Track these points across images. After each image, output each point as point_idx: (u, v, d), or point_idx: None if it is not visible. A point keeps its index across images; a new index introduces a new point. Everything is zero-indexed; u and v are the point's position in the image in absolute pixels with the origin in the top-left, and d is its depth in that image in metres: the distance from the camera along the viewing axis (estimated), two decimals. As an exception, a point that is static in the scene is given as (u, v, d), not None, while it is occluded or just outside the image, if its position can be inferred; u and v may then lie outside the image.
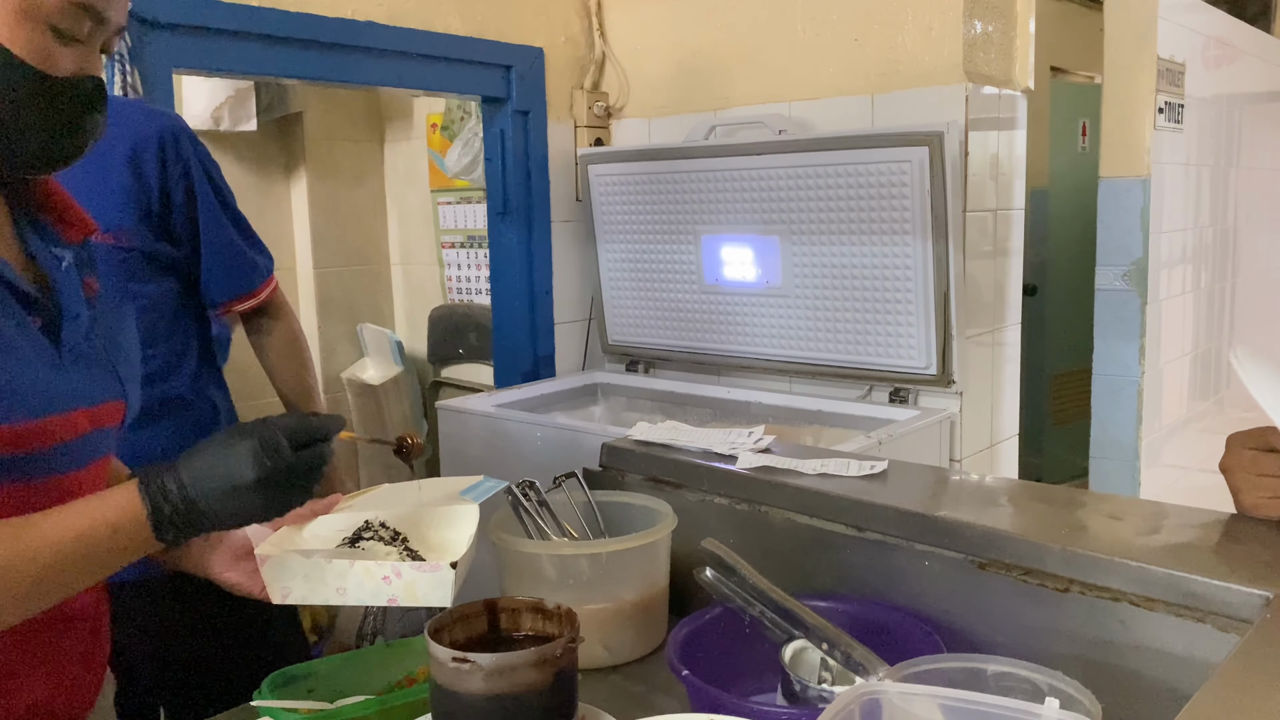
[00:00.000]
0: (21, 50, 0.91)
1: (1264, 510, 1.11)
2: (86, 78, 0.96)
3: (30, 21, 0.91)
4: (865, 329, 2.57)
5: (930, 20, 2.47)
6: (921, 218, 2.37)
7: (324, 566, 1.03)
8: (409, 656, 1.22)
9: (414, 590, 1.02)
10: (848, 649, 1.01)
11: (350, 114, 4.21)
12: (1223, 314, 3.92)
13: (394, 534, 1.12)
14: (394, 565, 1.02)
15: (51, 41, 0.92)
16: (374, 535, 1.11)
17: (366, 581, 1.02)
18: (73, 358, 1.00)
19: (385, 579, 1.02)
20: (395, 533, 1.12)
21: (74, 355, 1.01)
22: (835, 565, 1.29)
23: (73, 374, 0.99)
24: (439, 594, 1.02)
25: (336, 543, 1.11)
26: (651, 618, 1.31)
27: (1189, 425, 3.58)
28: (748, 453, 1.46)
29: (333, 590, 1.03)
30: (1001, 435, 2.78)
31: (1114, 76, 3.08)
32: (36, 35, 0.91)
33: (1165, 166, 3.16)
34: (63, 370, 0.98)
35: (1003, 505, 1.28)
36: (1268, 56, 4.12)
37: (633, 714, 0.98)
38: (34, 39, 0.91)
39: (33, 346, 0.96)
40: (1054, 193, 4.93)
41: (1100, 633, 1.05)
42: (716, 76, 2.87)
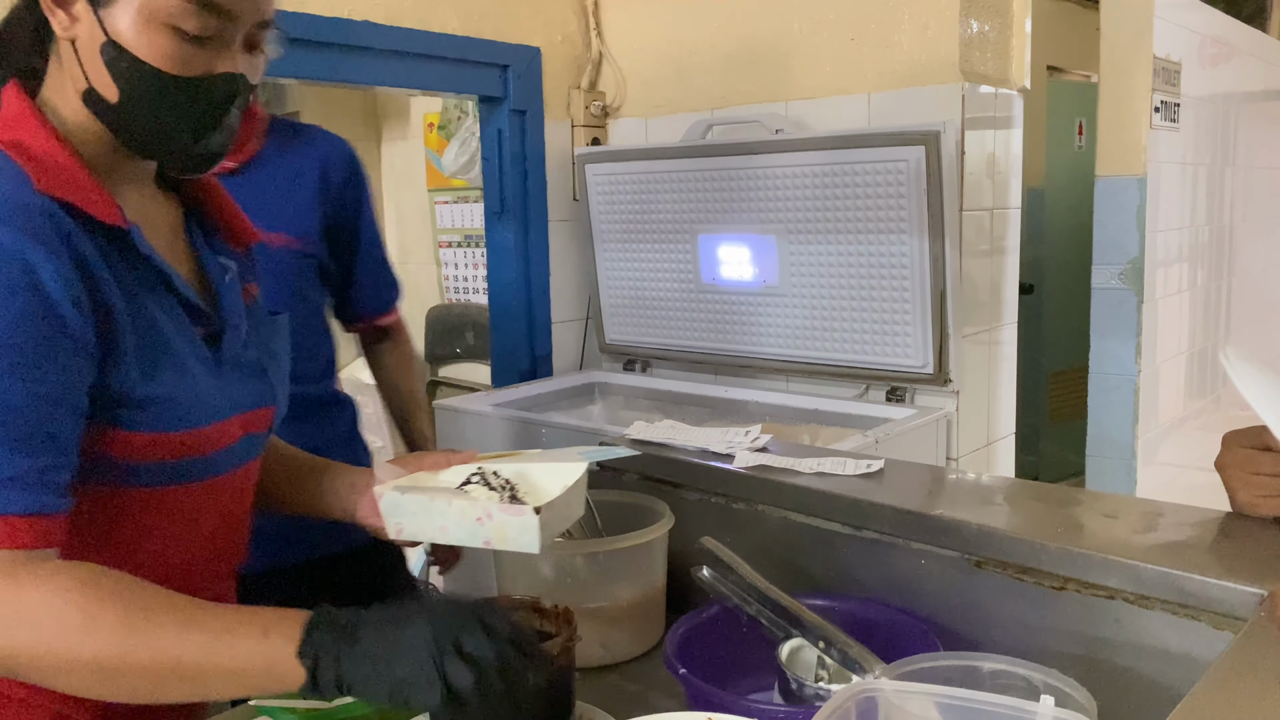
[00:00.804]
0: (147, 54, 0.92)
1: (1259, 508, 1.11)
2: (220, 76, 0.96)
3: (154, 25, 0.91)
4: (862, 328, 2.57)
5: (927, 20, 2.48)
6: (918, 217, 2.37)
7: (428, 505, 1.06)
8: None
9: (505, 533, 1.03)
10: (844, 647, 1.01)
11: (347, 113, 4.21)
12: (1219, 313, 3.92)
13: (504, 482, 1.14)
14: (485, 507, 1.04)
15: (178, 42, 0.92)
16: (481, 481, 1.13)
17: (463, 521, 1.04)
18: (230, 366, 1.03)
19: (479, 520, 1.04)
20: (506, 481, 1.14)
21: (232, 363, 1.04)
22: (832, 564, 1.29)
23: (230, 382, 1.02)
24: (526, 538, 1.02)
25: (456, 485, 1.14)
26: (649, 616, 1.31)
27: (1185, 424, 3.59)
28: (745, 452, 1.46)
29: (436, 528, 1.06)
30: (998, 434, 2.78)
31: (1110, 75, 3.08)
32: (161, 38, 0.92)
33: (1161, 165, 3.17)
34: (221, 379, 1.01)
35: (999, 504, 1.28)
36: (1264, 55, 4.13)
37: (630, 712, 0.98)
38: (158, 42, 0.92)
39: (197, 357, 0.99)
40: (1050, 192, 4.93)
41: (1096, 631, 1.05)
42: (713, 76, 2.87)
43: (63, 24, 0.94)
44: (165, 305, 0.98)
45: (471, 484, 1.14)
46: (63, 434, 0.85)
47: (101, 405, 0.91)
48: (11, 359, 0.83)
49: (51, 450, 0.84)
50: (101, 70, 0.93)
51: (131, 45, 0.92)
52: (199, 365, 0.99)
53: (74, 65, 0.95)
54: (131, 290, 0.94)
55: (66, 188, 0.91)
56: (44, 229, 0.86)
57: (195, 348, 0.99)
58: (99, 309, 0.90)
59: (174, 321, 0.98)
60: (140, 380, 0.92)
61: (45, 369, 0.84)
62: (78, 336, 0.86)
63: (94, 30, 0.92)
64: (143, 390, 0.92)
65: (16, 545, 0.82)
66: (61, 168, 0.92)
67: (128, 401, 0.92)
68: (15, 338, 0.83)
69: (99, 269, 0.90)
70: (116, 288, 0.92)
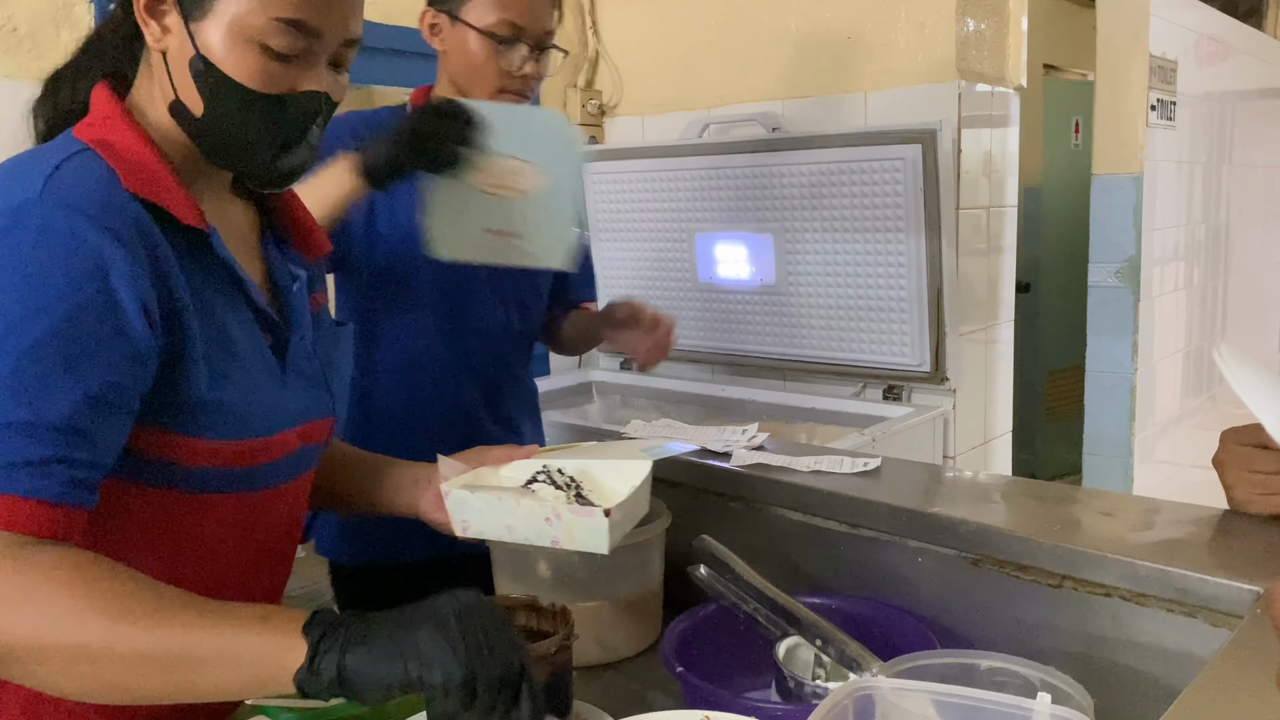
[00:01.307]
0: (234, 70, 0.93)
1: (1256, 506, 1.12)
2: (303, 94, 0.96)
3: (242, 42, 0.92)
4: (859, 326, 2.57)
5: (923, 18, 2.48)
6: (914, 215, 2.38)
7: (495, 504, 1.06)
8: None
9: (573, 534, 1.03)
10: (841, 645, 1.01)
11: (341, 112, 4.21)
12: (1215, 311, 3.93)
13: (569, 480, 1.15)
14: (554, 507, 1.04)
15: (265, 60, 0.93)
16: (547, 479, 1.14)
17: (531, 521, 1.04)
18: (294, 376, 1.03)
19: (547, 520, 1.04)
20: (571, 479, 1.15)
21: (295, 374, 1.03)
22: (829, 562, 1.29)
23: (293, 392, 1.02)
24: (595, 540, 1.02)
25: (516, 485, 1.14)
26: (646, 615, 1.31)
27: (1182, 422, 3.59)
28: (742, 450, 1.46)
29: (504, 527, 1.06)
30: (995, 432, 2.79)
31: (1106, 74, 3.09)
32: (249, 55, 0.93)
33: (1158, 164, 3.17)
34: (285, 389, 1.01)
35: (996, 502, 1.28)
36: (1259, 53, 4.14)
37: (628, 711, 0.98)
38: (246, 59, 0.93)
39: (264, 366, 0.99)
40: (1047, 190, 4.94)
41: (1093, 628, 1.06)
42: (710, 74, 2.87)
43: (155, 35, 0.95)
44: (237, 311, 0.98)
45: (538, 481, 1.14)
46: (97, 432, 0.84)
47: (166, 410, 0.90)
48: (62, 349, 0.82)
49: (79, 445, 0.82)
50: (189, 83, 0.94)
51: (219, 61, 0.93)
52: (265, 374, 0.99)
53: (163, 76, 0.96)
54: (205, 295, 0.94)
55: (150, 188, 0.91)
56: (125, 228, 0.87)
57: (263, 356, 0.99)
58: (170, 314, 0.90)
59: (244, 328, 0.98)
60: (207, 386, 0.92)
61: (93, 365, 0.83)
62: (137, 339, 0.86)
63: (184, 44, 0.93)
64: (208, 396, 0.92)
65: (15, 528, 0.80)
66: (146, 168, 0.93)
67: (193, 407, 0.91)
68: (71, 329, 0.82)
69: (175, 272, 0.91)
70: (190, 292, 0.92)
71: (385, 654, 0.78)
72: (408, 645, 0.78)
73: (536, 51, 1.62)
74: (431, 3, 1.66)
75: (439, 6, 1.64)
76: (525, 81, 1.62)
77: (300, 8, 0.93)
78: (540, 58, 1.63)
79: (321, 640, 0.79)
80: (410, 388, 1.65)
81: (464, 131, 1.44)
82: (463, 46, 1.61)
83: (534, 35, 1.60)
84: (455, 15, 1.60)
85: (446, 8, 1.62)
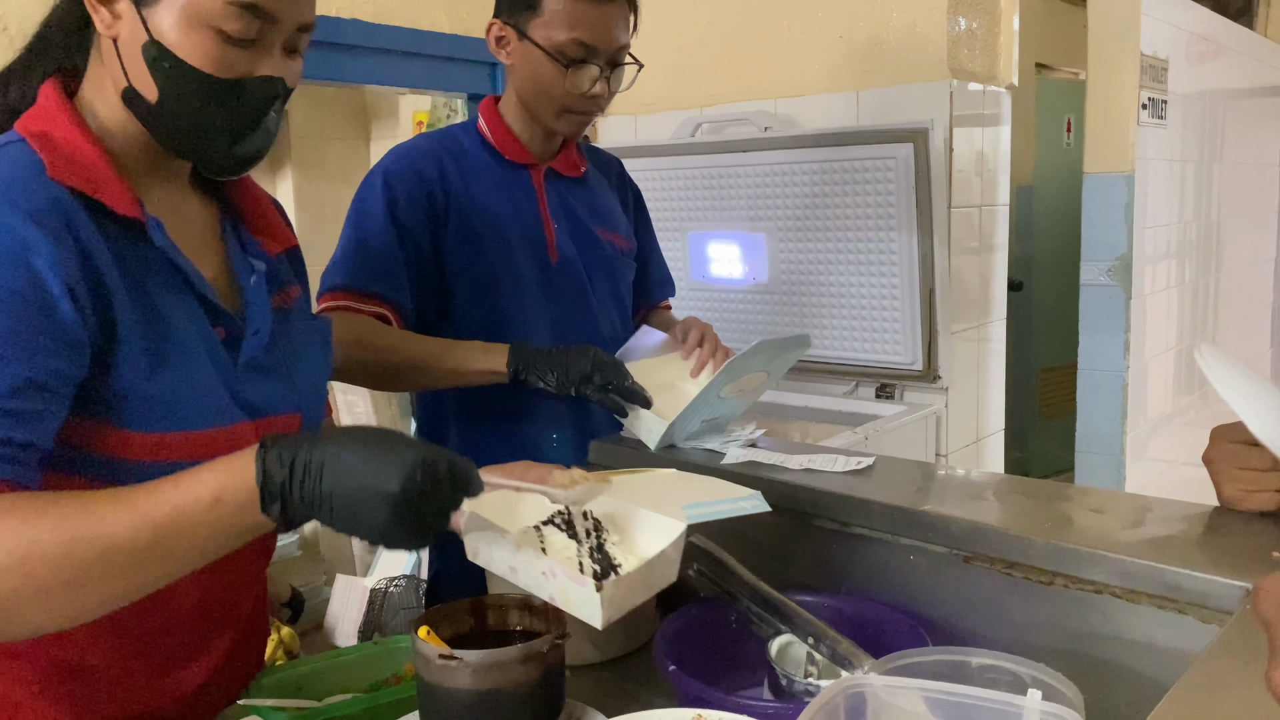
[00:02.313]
0: (188, 54, 0.92)
1: (1245, 503, 1.12)
2: (259, 79, 0.96)
3: (197, 26, 0.92)
4: (851, 325, 2.58)
5: (915, 17, 2.48)
6: (907, 214, 2.38)
7: (499, 541, 1.02)
8: (397, 654, 1.22)
9: (568, 597, 0.97)
10: (834, 643, 1.02)
11: (336, 112, 4.20)
12: (1207, 309, 3.94)
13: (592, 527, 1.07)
14: (551, 564, 0.98)
15: (220, 44, 0.93)
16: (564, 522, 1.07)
17: (530, 569, 1.00)
18: (249, 370, 1.01)
19: (544, 574, 0.99)
20: (595, 525, 1.08)
21: (250, 368, 1.02)
22: (821, 560, 1.29)
23: (247, 386, 1.01)
24: (587, 610, 0.96)
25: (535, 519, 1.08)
26: (639, 614, 1.30)
27: (1174, 419, 3.60)
28: (735, 449, 1.46)
29: (507, 567, 1.02)
30: (987, 430, 2.79)
31: (1098, 73, 3.09)
32: (204, 40, 0.92)
33: (1149, 162, 3.18)
34: (236, 383, 1.00)
35: (987, 499, 1.28)
36: (1250, 52, 4.15)
37: (621, 710, 0.98)
38: (201, 43, 0.92)
39: (211, 358, 0.97)
40: (1039, 188, 4.95)
41: (1083, 625, 1.06)
42: (702, 73, 2.87)
43: (105, 21, 0.94)
44: (181, 302, 0.97)
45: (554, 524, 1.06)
46: (33, 415, 0.83)
47: (102, 401, 0.90)
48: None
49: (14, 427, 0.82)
50: (142, 69, 0.93)
51: (173, 45, 0.92)
52: (212, 366, 0.97)
53: (115, 63, 0.95)
54: (142, 285, 0.93)
55: (81, 177, 0.91)
56: (48, 214, 0.87)
57: (210, 348, 0.98)
58: (100, 300, 0.89)
59: (189, 320, 0.97)
60: (145, 376, 0.91)
61: (22, 346, 0.83)
62: (66, 323, 0.86)
63: (136, 29, 0.93)
64: (149, 387, 0.91)
65: None
66: (81, 158, 0.92)
67: (133, 398, 0.91)
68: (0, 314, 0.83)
69: (104, 261, 0.90)
70: (125, 281, 0.91)
71: (368, 449, 0.81)
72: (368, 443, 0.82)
73: (609, 69, 1.55)
74: (498, 13, 1.59)
75: (506, 19, 1.57)
76: (594, 101, 1.57)
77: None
78: (612, 75, 1.57)
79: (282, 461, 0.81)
80: (522, 401, 1.62)
81: (617, 402, 1.49)
82: (530, 64, 1.55)
83: (606, 53, 1.54)
84: (523, 32, 1.54)
85: (514, 21, 1.55)
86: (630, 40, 1.59)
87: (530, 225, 1.64)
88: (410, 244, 1.58)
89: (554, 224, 1.66)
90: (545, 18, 1.52)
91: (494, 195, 1.63)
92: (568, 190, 1.71)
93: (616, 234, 1.75)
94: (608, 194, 1.80)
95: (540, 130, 1.65)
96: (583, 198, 1.73)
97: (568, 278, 1.65)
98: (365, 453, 0.81)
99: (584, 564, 1.01)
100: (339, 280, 1.58)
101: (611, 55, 1.55)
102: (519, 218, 1.63)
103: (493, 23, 1.60)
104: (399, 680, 1.17)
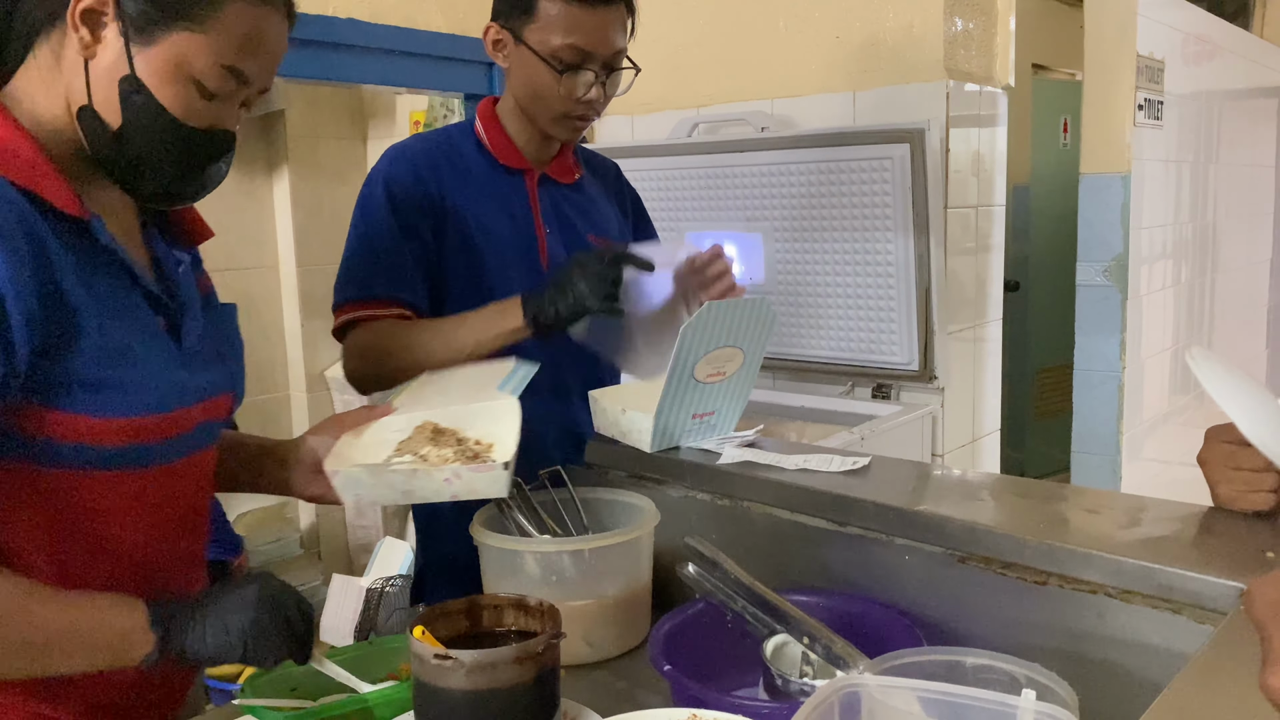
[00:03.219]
0: (167, 100, 0.97)
1: (1240, 503, 1.12)
2: (220, 131, 1.02)
3: (182, 78, 0.97)
4: (847, 325, 2.58)
5: (911, 17, 2.48)
6: (903, 214, 2.38)
7: (389, 476, 1.11)
8: (392, 654, 1.22)
9: (474, 487, 1.10)
10: (829, 643, 1.02)
11: (333, 111, 4.19)
12: (1203, 309, 3.94)
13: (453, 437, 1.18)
14: (453, 469, 1.10)
15: (195, 96, 0.98)
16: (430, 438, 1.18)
17: (429, 484, 1.10)
18: (191, 354, 1.06)
19: (447, 480, 1.10)
20: (453, 434, 1.18)
21: (192, 352, 1.06)
22: (816, 560, 1.29)
23: (191, 370, 1.05)
24: (495, 489, 1.10)
25: (394, 445, 1.18)
26: (634, 614, 1.31)
27: (1169, 420, 3.61)
28: (731, 449, 1.46)
29: (399, 493, 1.12)
30: (983, 430, 2.80)
31: (1094, 73, 3.10)
32: (185, 90, 0.98)
33: (1145, 163, 3.18)
34: (183, 367, 1.04)
35: (983, 500, 1.28)
36: (1246, 53, 4.15)
37: (616, 709, 0.98)
38: (181, 92, 0.97)
39: (158, 345, 1.02)
40: (1035, 189, 4.95)
41: (1078, 625, 1.06)
42: (699, 74, 2.87)
43: (84, 41, 0.96)
44: (127, 294, 1.00)
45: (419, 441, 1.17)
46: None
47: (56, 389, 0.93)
48: None
49: None
50: (112, 97, 0.96)
51: (154, 87, 0.96)
52: (160, 352, 1.01)
53: (78, 79, 0.97)
54: (91, 278, 0.96)
55: (25, 175, 0.93)
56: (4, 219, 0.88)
57: (156, 336, 1.02)
58: (52, 294, 0.91)
59: (135, 310, 1.00)
60: (100, 364, 0.94)
61: None
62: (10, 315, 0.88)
63: (119, 61, 0.96)
64: (102, 374, 0.95)
65: None
66: (21, 156, 0.94)
67: (87, 385, 0.94)
68: None
69: (57, 254, 0.92)
70: (75, 274, 0.94)
71: (214, 636, 0.98)
72: (231, 628, 0.98)
73: (605, 73, 1.55)
74: (495, 17, 1.59)
75: (503, 23, 1.57)
76: (590, 106, 1.57)
77: (243, 58, 0.99)
78: (609, 79, 1.57)
79: (167, 633, 0.96)
80: None
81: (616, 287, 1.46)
82: (525, 69, 1.55)
83: (602, 58, 1.53)
84: (519, 36, 1.54)
85: (511, 26, 1.55)
86: (627, 45, 1.58)
87: (523, 231, 1.64)
88: (416, 241, 1.58)
89: (546, 230, 1.66)
90: (541, 23, 1.51)
91: (488, 200, 1.63)
92: (562, 196, 1.71)
93: (609, 240, 1.74)
94: (603, 200, 1.79)
95: (537, 134, 1.65)
96: (577, 204, 1.73)
97: None
98: (227, 621, 0.99)
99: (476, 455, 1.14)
100: (353, 292, 1.59)
101: (607, 60, 1.55)
102: (512, 223, 1.64)
103: (489, 26, 1.60)
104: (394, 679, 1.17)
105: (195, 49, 0.96)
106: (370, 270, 1.58)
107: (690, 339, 1.41)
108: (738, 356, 1.51)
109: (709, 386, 1.50)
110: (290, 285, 4.07)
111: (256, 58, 1.00)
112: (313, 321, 4.11)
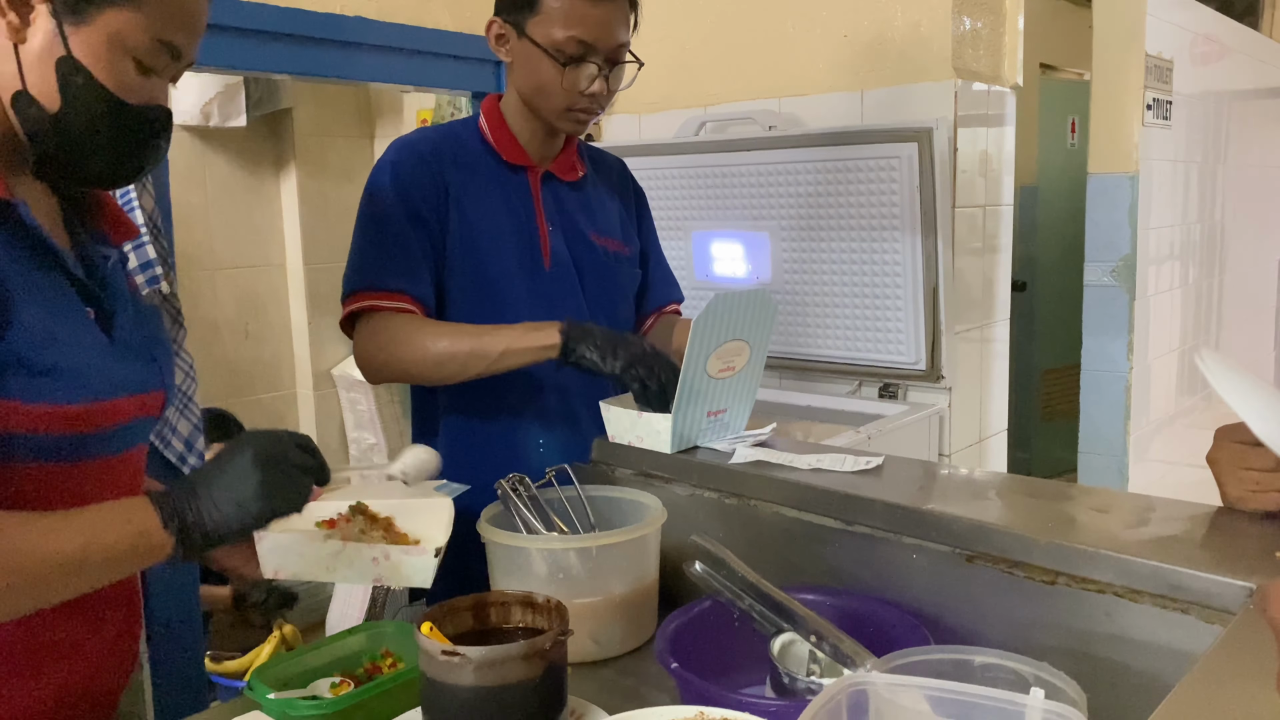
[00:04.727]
0: (105, 77, 0.97)
1: (1248, 503, 1.12)
2: (156, 106, 1.02)
3: (120, 54, 0.97)
4: (855, 324, 2.57)
5: (919, 17, 2.48)
6: (910, 213, 2.38)
7: (318, 546, 1.07)
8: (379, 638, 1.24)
9: (399, 572, 1.08)
10: (836, 641, 1.02)
11: (340, 110, 4.20)
12: (1210, 310, 3.93)
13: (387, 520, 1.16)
14: (383, 548, 1.07)
15: (132, 72, 0.98)
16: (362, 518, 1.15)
17: (356, 561, 1.07)
18: (123, 348, 1.05)
19: (374, 560, 1.07)
20: (387, 519, 1.16)
21: (123, 346, 1.06)
22: (824, 559, 1.29)
23: (123, 363, 1.04)
24: (421, 576, 1.07)
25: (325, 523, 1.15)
26: (641, 611, 1.31)
27: (1176, 420, 3.60)
28: (743, 448, 1.46)
29: (324, 568, 1.08)
30: (990, 430, 2.79)
31: (1103, 73, 3.09)
32: (122, 65, 0.97)
33: (1153, 163, 3.17)
34: (115, 359, 1.03)
35: (991, 499, 1.28)
36: (1255, 53, 4.14)
37: (623, 707, 0.99)
38: (119, 68, 0.97)
39: (89, 334, 1.01)
40: (1043, 189, 4.95)
41: (1086, 624, 1.06)
42: (707, 72, 2.87)
43: (13, 26, 0.95)
44: (55, 282, 1.00)
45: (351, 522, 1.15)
46: None
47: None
48: None
49: None
50: (49, 80, 0.96)
51: (92, 66, 0.96)
52: (92, 342, 1.01)
53: (8, 65, 0.96)
54: (18, 264, 0.95)
55: None
56: None
57: (87, 325, 1.02)
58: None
59: (64, 298, 1.00)
60: (31, 348, 0.93)
61: None
62: None
63: (53, 43, 0.95)
64: (35, 359, 0.93)
65: None
66: None
67: (19, 369, 0.93)
68: None
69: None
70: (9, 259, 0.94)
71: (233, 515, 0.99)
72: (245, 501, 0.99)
73: (608, 67, 1.56)
74: (498, 11, 1.60)
75: (506, 17, 1.58)
76: (594, 100, 1.57)
77: (179, 33, 0.99)
78: (611, 73, 1.58)
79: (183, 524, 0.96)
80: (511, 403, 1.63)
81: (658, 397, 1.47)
82: (529, 62, 1.56)
83: (605, 51, 1.54)
84: (522, 30, 1.55)
85: (513, 19, 1.56)
86: (630, 38, 1.59)
87: (525, 228, 1.64)
88: (424, 229, 1.58)
89: (549, 228, 1.66)
90: (544, 16, 1.52)
91: (490, 196, 1.63)
92: (565, 194, 1.71)
93: (612, 239, 1.75)
94: (607, 198, 1.79)
95: (541, 129, 1.65)
96: (579, 202, 1.72)
97: (560, 282, 1.65)
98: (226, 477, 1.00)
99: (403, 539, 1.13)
100: (360, 282, 1.59)
101: (610, 53, 1.55)
102: (514, 220, 1.64)
103: (492, 21, 1.60)
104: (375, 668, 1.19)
105: (131, 25, 0.96)
106: (381, 261, 1.58)
107: (702, 332, 1.42)
108: (745, 350, 1.52)
109: (721, 382, 1.50)
110: (297, 283, 4.08)
111: (187, 31, 1.00)
112: (320, 319, 4.12)
